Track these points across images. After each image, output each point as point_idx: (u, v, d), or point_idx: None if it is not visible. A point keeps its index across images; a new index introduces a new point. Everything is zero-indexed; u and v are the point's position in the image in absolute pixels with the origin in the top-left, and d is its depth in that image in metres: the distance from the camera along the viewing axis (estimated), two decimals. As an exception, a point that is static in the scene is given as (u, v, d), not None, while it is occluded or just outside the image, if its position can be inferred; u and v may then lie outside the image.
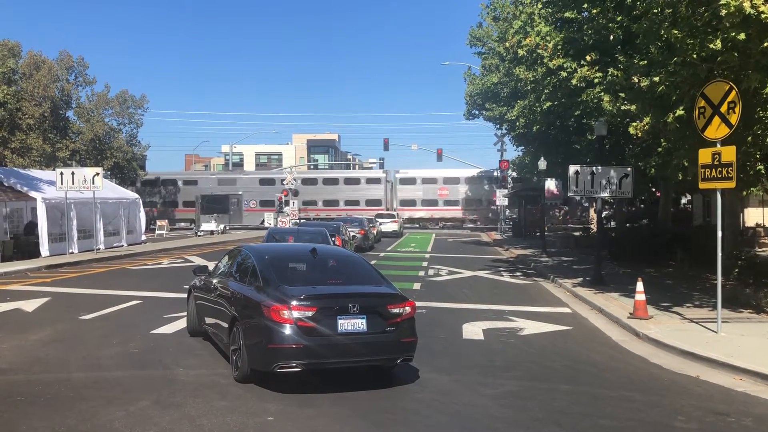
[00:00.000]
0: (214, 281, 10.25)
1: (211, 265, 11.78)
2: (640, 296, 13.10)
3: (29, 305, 14.31)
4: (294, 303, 7.93)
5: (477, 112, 39.44)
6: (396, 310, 8.32)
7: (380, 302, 8.36)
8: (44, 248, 25.43)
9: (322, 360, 8.01)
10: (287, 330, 7.86)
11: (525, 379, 9.06)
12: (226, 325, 9.10)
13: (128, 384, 8.50)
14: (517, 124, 27.61)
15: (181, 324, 12.08)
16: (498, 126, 41.46)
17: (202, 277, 11.05)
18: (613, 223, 36.40)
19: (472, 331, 12.26)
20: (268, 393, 8.00)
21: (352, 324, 8.05)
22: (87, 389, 8.17)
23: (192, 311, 11.25)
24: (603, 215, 24.38)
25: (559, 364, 10.04)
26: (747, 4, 10.04)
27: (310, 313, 7.92)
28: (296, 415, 7.25)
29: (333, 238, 20.06)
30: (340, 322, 8.00)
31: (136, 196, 35.68)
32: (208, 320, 10.36)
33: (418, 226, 61.74)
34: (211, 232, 47.98)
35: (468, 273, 22.42)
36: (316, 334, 7.90)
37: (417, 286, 18.65)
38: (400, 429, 7.01)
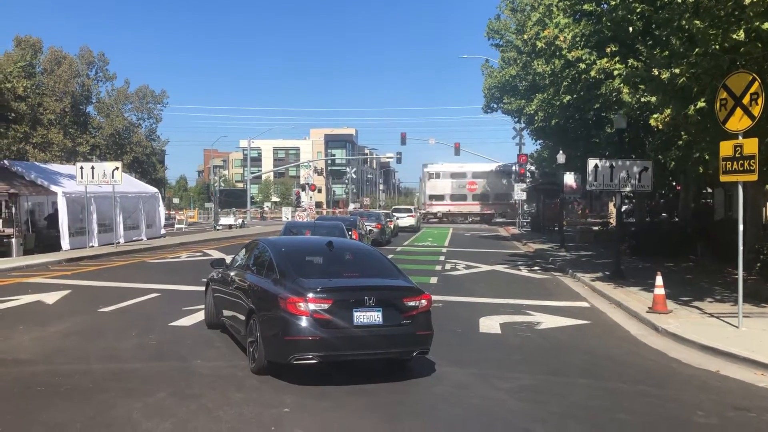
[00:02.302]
0: (232, 274, 10.29)
1: (228, 258, 11.83)
2: (660, 290, 12.97)
3: (50, 298, 14.47)
4: (310, 295, 7.94)
5: (495, 106, 39.16)
6: (412, 303, 8.30)
7: (396, 295, 8.34)
8: (65, 242, 25.72)
9: (338, 352, 8.01)
10: (303, 322, 7.87)
11: (542, 373, 9.00)
12: (243, 317, 9.13)
13: (146, 375, 8.57)
14: (536, 117, 27.44)
15: (200, 316, 12.15)
16: (516, 119, 41.19)
17: (220, 270, 11.11)
18: (633, 218, 36.09)
19: (489, 325, 12.20)
20: (285, 385, 8.02)
21: (368, 317, 8.04)
22: (106, 380, 8.24)
23: (210, 304, 11.31)
24: (623, 209, 24.15)
25: (576, 358, 9.97)
26: (771, -7, 9.87)
27: (326, 306, 7.92)
28: (312, 407, 7.26)
29: (350, 233, 20.10)
30: (356, 314, 7.99)
31: (155, 190, 35.97)
32: (226, 312, 10.41)
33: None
34: (230, 226, 48.27)
35: (485, 267, 22.34)
36: (332, 327, 7.90)
37: (434, 280, 18.61)
38: (416, 422, 6.99)
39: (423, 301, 8.41)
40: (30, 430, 6.41)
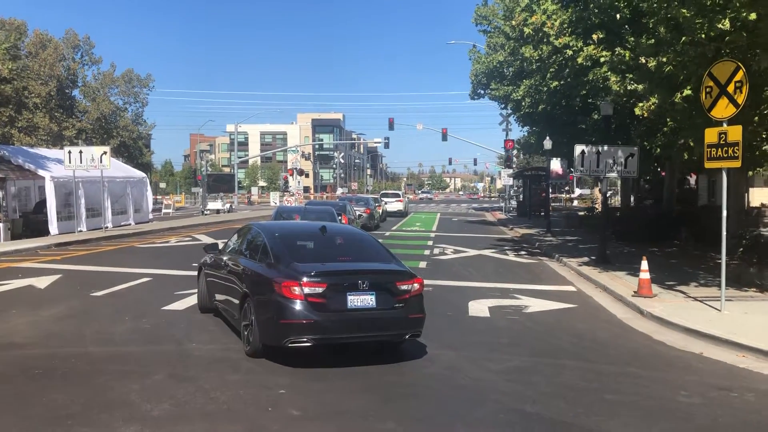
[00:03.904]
0: (225, 258, 10.40)
1: (221, 243, 11.93)
2: (645, 275, 13.22)
3: (41, 282, 14.52)
4: (305, 279, 8.08)
5: (482, 92, 39.16)
6: (405, 287, 8.46)
7: (389, 279, 8.49)
8: (53, 226, 25.66)
9: (332, 335, 8.17)
10: (298, 306, 8.01)
11: (531, 355, 9.23)
12: (237, 301, 9.26)
13: (142, 358, 8.69)
14: (523, 103, 27.57)
15: (192, 301, 12.26)
16: (503, 105, 41.29)
17: (213, 255, 11.21)
18: (618, 202, 36.45)
19: (478, 308, 12.41)
20: (279, 367, 8.17)
21: (362, 300, 8.19)
22: (103, 363, 8.36)
23: (203, 288, 11.42)
24: (608, 195, 24.43)
25: (564, 340, 10.19)
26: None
27: (320, 290, 8.07)
28: (307, 389, 7.42)
29: (339, 217, 20.20)
30: (349, 298, 8.14)
31: (143, 174, 35.84)
32: (219, 297, 10.53)
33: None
34: (217, 211, 48.21)
35: (473, 252, 22.57)
36: (326, 310, 8.05)
37: (423, 264, 18.81)
38: (411, 402, 7.17)
39: (415, 284, 8.57)
40: (31, 411, 6.52)
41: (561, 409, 6.91)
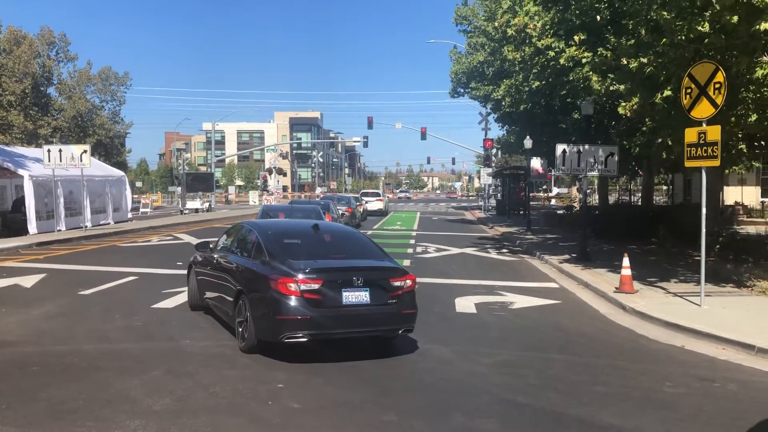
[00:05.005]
0: (216, 256, 10.49)
1: (211, 242, 12.00)
2: (626, 271, 13.53)
3: (27, 281, 14.44)
4: (300, 276, 8.21)
5: (462, 91, 39.52)
6: (398, 283, 8.64)
7: (383, 275, 8.66)
8: (32, 225, 25.40)
9: (327, 331, 8.31)
10: (294, 302, 8.14)
11: (519, 350, 9.45)
12: (231, 298, 9.35)
13: (138, 355, 8.75)
14: (503, 103, 27.87)
15: (181, 299, 12.32)
16: (483, 104, 41.66)
17: (202, 253, 11.28)
18: (596, 201, 36.97)
19: (465, 305, 12.63)
20: (275, 362, 8.30)
21: (356, 296, 8.35)
22: (99, 360, 8.42)
23: (193, 286, 11.48)
24: (587, 193, 24.81)
25: (550, 335, 10.45)
26: (741, -12, 10.36)
27: (316, 286, 8.21)
28: (305, 383, 7.56)
29: (324, 216, 20.29)
30: (344, 294, 8.29)
31: (122, 173, 35.58)
32: (210, 294, 10.61)
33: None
34: (196, 210, 47.98)
35: (455, 250, 22.81)
36: (321, 306, 8.19)
37: (407, 263, 18.96)
38: (407, 394, 7.35)
39: (408, 281, 8.75)
40: (34, 407, 6.57)
41: (553, 400, 7.12)
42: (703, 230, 12.21)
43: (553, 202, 64.29)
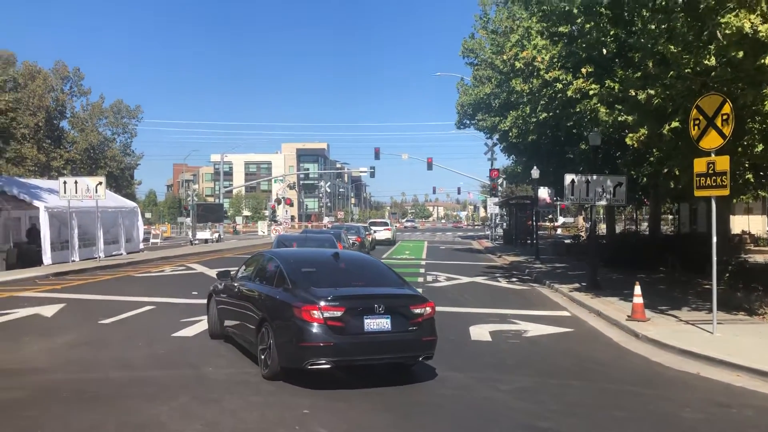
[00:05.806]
0: (237, 285, 10.71)
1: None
2: (638, 299, 13.69)
3: (47, 311, 14.68)
4: (323, 303, 8.43)
5: (468, 122, 40.04)
6: (418, 311, 8.84)
7: (403, 303, 8.87)
8: (47, 256, 25.72)
9: (350, 357, 8.50)
10: (317, 329, 8.35)
11: (536, 376, 9.60)
12: (253, 326, 9.55)
13: (164, 382, 8.94)
14: (510, 134, 28.24)
15: (200, 327, 12.53)
16: (488, 136, 42.13)
17: (222, 282, 11.50)
18: (603, 230, 37.12)
19: (480, 333, 12.80)
20: (299, 389, 8.47)
21: (378, 323, 8.55)
22: (126, 387, 8.61)
23: (213, 314, 11.69)
24: (596, 223, 25.01)
25: (566, 362, 10.59)
26: (747, 25, 10.69)
27: (338, 313, 8.42)
28: (330, 409, 7.74)
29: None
30: (366, 321, 8.50)
31: (134, 204, 36.02)
32: (231, 322, 10.81)
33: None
34: (206, 241, 48.30)
35: (465, 279, 22.98)
36: (344, 333, 8.39)
37: (419, 291, 19.12)
38: (429, 419, 7.52)
39: (428, 308, 8.96)
40: (72, 430, 6.77)
41: (573, 425, 7.28)
42: (714, 258, 12.40)
43: (559, 231, 64.49)
